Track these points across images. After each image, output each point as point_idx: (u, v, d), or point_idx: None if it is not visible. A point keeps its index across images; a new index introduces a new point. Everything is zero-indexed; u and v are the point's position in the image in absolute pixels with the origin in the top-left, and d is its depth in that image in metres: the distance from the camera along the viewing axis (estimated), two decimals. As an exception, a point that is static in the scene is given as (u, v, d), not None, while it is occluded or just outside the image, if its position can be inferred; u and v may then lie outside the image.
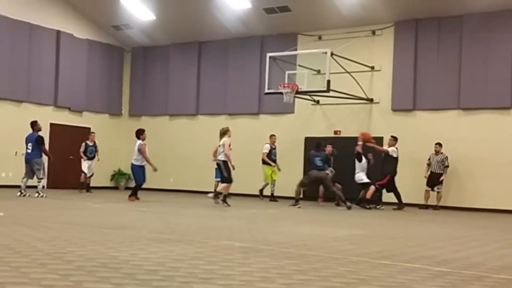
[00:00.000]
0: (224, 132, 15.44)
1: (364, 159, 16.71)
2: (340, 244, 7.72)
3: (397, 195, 16.68)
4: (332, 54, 17.48)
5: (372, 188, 16.43)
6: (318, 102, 20.49)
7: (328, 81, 17.23)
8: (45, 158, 17.34)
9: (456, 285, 5.01)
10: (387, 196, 17.26)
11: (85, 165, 19.88)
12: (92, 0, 22.55)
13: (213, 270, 5.23)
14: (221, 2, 20.56)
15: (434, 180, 17.52)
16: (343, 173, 17.25)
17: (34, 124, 16.98)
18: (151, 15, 22.40)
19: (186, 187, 22.13)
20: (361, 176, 16.69)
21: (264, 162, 18.47)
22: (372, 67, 19.68)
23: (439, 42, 18.84)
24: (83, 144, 20.12)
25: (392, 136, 17.22)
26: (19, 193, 16.16)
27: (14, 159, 20.84)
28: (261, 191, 18.79)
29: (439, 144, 17.75)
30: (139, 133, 16.38)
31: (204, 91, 23.17)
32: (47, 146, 21.87)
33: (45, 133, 21.86)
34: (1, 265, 5.10)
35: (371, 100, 19.73)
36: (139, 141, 16.12)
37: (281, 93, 18.00)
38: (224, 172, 15.11)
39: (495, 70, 17.84)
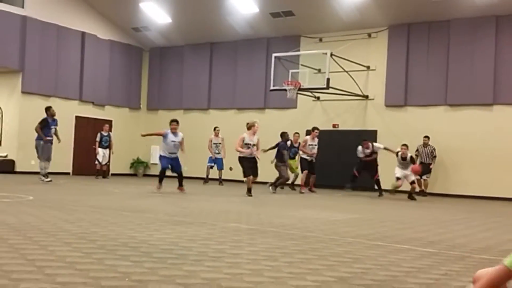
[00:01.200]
0: (247, 128, 13.97)
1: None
2: (337, 227, 7.72)
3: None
4: (331, 54, 17.45)
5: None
6: (318, 98, 20.45)
7: (328, 79, 17.22)
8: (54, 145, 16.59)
9: (442, 264, 5.01)
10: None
11: (100, 154, 19.81)
12: (114, 4, 22.54)
13: (222, 250, 5.25)
14: (231, 7, 20.52)
15: (423, 169, 17.47)
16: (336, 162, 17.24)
17: (47, 109, 16.39)
18: (167, 18, 22.38)
19: (199, 175, 22.14)
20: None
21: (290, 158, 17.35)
22: (368, 67, 19.63)
23: (428, 44, 18.80)
24: (99, 134, 20.05)
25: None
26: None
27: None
28: (292, 183, 17.72)
29: (427, 137, 17.76)
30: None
31: (215, 88, 23.16)
32: (72, 136, 22.09)
33: (70, 125, 22.03)
34: (31, 243, 5.13)
35: (366, 97, 19.70)
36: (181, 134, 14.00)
37: (285, 89, 17.98)
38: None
39: (479, 70, 17.82)
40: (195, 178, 20.99)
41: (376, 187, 16.88)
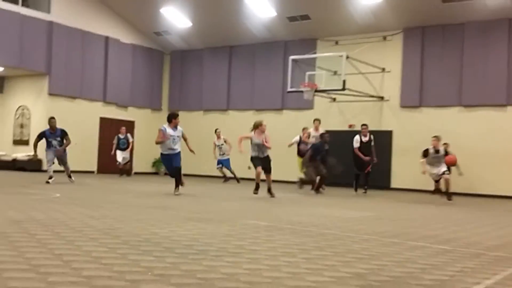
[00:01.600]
0: (254, 127, 12.98)
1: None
2: (353, 224, 7.69)
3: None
4: (347, 57, 17.37)
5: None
6: (334, 99, 20.37)
7: (344, 81, 17.14)
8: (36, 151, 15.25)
9: (457, 261, 4.96)
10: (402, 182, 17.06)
11: (119, 155, 19.69)
12: (136, 9, 22.66)
13: (242, 246, 5.25)
14: (249, 11, 20.53)
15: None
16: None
17: (48, 121, 15.33)
18: (187, 23, 22.44)
19: (218, 174, 22.19)
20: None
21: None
22: (383, 69, 19.51)
23: (443, 46, 18.66)
24: (116, 137, 19.90)
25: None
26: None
27: (68, 148, 21.09)
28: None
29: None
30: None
31: (234, 89, 23.18)
32: (96, 137, 22.28)
33: (95, 126, 22.19)
34: (58, 239, 5.18)
35: (381, 98, 19.59)
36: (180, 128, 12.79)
37: (302, 91, 17.95)
38: None
39: (492, 72, 17.68)
40: (214, 177, 21.03)
41: (363, 182, 15.75)
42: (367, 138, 15.98)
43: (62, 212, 7.52)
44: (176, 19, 22.35)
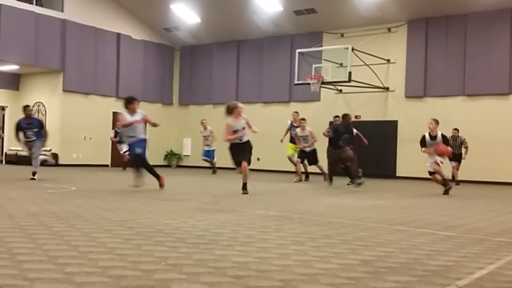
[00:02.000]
0: (228, 112, 10.44)
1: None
2: (360, 213, 7.68)
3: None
4: (353, 49, 17.33)
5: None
6: (341, 91, 20.32)
7: (350, 73, 17.12)
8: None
9: (461, 247, 4.95)
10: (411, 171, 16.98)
11: (122, 148, 18.70)
12: (147, 6, 22.67)
13: (252, 235, 5.26)
14: (257, 6, 20.48)
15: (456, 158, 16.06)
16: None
17: (23, 109, 13.23)
18: (197, 19, 22.42)
19: (227, 165, 22.21)
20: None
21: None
22: (388, 60, 19.44)
23: (446, 37, 18.56)
24: (113, 131, 19.41)
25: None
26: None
27: (83, 143, 21.28)
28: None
29: (457, 130, 16.37)
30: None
31: (243, 83, 23.17)
32: (110, 131, 22.30)
33: (108, 120, 22.27)
34: (74, 230, 5.21)
35: (387, 89, 19.52)
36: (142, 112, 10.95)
37: (309, 83, 17.93)
38: None
39: (495, 61, 17.63)
40: (224, 168, 21.08)
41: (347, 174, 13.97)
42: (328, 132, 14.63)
43: (77, 205, 7.57)
44: (185, 15, 22.34)
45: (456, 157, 16.10)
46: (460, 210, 8.75)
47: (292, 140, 15.80)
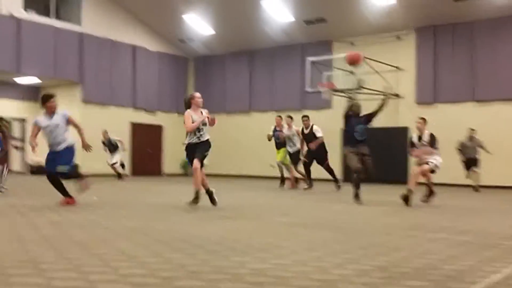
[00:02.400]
0: (187, 104, 9.60)
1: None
2: (372, 218, 7.65)
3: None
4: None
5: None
6: (352, 98, 20.26)
7: (360, 80, 17.08)
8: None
9: (475, 251, 4.91)
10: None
11: (113, 158, 18.74)
12: (161, 19, 22.81)
13: (268, 242, 5.26)
14: (268, 17, 20.53)
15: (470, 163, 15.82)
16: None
17: None
18: (210, 30, 22.52)
19: (241, 173, 22.26)
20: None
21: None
22: (398, 67, 19.38)
23: (454, 44, 18.47)
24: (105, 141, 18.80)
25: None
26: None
27: (100, 152, 21.33)
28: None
29: (473, 130, 15.85)
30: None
31: (255, 91, 23.20)
32: (128, 141, 22.45)
33: (126, 131, 22.38)
34: (95, 239, 5.25)
35: (397, 95, 19.44)
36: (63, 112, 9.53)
37: (320, 91, 17.92)
38: None
39: (503, 67, 17.50)
40: (238, 176, 21.08)
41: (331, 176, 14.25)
42: (308, 130, 14.88)
43: (98, 213, 7.61)
44: (199, 27, 22.45)
45: (471, 162, 15.73)
46: (472, 214, 8.68)
47: (277, 146, 15.35)
